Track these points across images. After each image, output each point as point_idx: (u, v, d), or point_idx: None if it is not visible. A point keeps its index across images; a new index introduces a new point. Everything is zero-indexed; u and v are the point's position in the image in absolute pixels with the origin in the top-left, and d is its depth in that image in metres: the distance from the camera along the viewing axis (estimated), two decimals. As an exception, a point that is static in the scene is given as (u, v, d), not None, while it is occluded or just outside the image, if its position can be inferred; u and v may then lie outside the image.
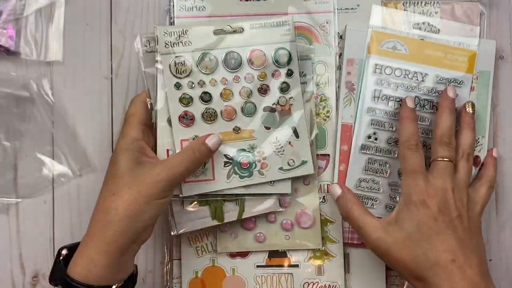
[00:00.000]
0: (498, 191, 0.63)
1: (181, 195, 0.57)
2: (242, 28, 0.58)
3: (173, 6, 0.61)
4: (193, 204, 0.59)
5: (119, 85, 0.63)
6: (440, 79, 0.61)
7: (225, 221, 0.59)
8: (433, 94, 0.61)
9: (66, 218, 0.62)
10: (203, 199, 0.59)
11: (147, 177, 0.50)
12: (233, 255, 0.61)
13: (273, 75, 0.59)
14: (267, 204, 0.60)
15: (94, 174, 0.62)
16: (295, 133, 0.59)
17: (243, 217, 0.59)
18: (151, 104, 0.57)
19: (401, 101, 0.60)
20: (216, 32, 0.58)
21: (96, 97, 0.62)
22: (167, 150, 0.57)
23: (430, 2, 0.62)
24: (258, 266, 0.62)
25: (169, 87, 0.57)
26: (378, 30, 0.61)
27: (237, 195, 0.59)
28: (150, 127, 0.57)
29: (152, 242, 0.62)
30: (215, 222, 0.59)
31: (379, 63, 0.61)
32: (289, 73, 0.59)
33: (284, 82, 0.59)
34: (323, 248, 0.61)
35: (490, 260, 0.63)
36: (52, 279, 0.52)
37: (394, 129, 0.60)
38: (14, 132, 0.61)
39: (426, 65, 0.61)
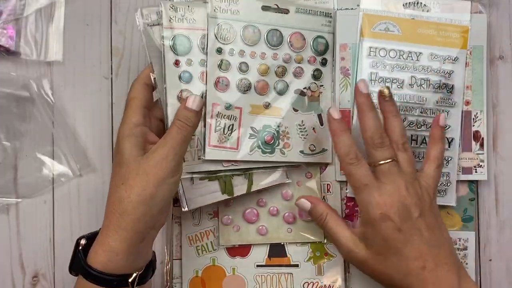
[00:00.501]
0: (498, 190, 0.64)
1: (203, 157, 0.58)
2: (288, 10, 0.60)
3: (173, 6, 0.61)
4: (202, 180, 0.59)
5: (119, 85, 0.63)
6: (434, 57, 0.61)
7: (235, 194, 0.59)
8: (429, 73, 0.61)
9: (66, 218, 0.62)
10: (212, 175, 0.59)
11: (151, 160, 0.50)
12: (233, 254, 0.62)
13: (309, 60, 0.60)
14: (275, 177, 0.60)
15: (94, 174, 0.62)
16: (320, 120, 0.60)
17: (252, 190, 0.60)
18: (154, 79, 0.56)
19: (398, 82, 0.61)
20: (264, 8, 0.59)
21: (96, 97, 0.63)
22: None
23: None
24: (258, 266, 0.62)
25: (211, 51, 0.58)
26: (369, 13, 0.61)
27: (245, 169, 0.60)
28: (151, 109, 0.56)
29: (152, 242, 0.62)
30: (225, 196, 0.59)
31: (373, 46, 0.61)
32: (324, 62, 0.61)
33: (317, 69, 0.60)
34: (324, 241, 0.61)
35: (490, 260, 0.63)
36: (72, 268, 0.52)
37: None
38: (14, 132, 0.61)
39: (420, 44, 0.61)
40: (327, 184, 0.62)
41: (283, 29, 0.60)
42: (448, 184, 0.61)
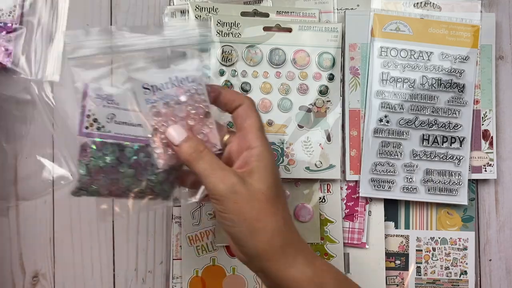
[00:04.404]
0: (498, 190, 0.64)
1: None
2: (291, 28, 0.60)
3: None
4: None
5: (119, 85, 0.63)
6: (445, 56, 0.61)
7: None
8: (440, 72, 0.61)
9: (66, 218, 0.62)
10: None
11: None
12: (233, 254, 0.61)
13: (314, 77, 0.60)
14: None
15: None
16: (328, 136, 0.60)
17: None
18: None
19: (409, 82, 0.61)
20: (265, 28, 0.60)
21: (96, 97, 0.62)
22: None
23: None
24: (258, 266, 0.62)
25: (214, 73, 0.59)
26: (380, 13, 0.61)
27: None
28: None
29: (152, 242, 0.62)
30: None
31: (384, 46, 0.61)
32: (330, 77, 0.61)
33: (324, 85, 0.60)
34: (321, 243, 0.61)
35: (490, 260, 0.63)
36: None
37: (404, 110, 0.61)
38: (14, 135, 0.61)
39: (431, 43, 0.61)
40: (327, 184, 0.62)
41: (286, 48, 0.60)
42: (460, 183, 0.61)
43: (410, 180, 0.61)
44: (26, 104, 0.61)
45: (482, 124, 0.62)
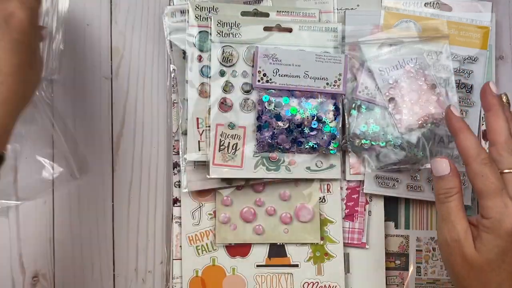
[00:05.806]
0: (498, 191, 0.64)
1: (208, 176, 0.59)
2: (291, 28, 0.60)
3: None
4: (204, 166, 0.60)
5: (119, 85, 0.63)
6: (454, 57, 0.61)
7: (233, 184, 0.60)
8: (449, 72, 0.61)
9: (66, 218, 0.62)
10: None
11: None
12: (233, 254, 0.62)
13: None
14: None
15: (94, 176, 0.62)
16: None
17: (251, 181, 0.60)
18: (174, 69, 0.60)
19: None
20: (265, 28, 0.60)
21: (96, 97, 0.62)
22: (197, 119, 0.59)
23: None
24: (258, 266, 0.62)
25: (214, 74, 0.59)
26: (391, 11, 0.61)
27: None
28: None
29: (152, 242, 0.62)
30: (224, 184, 0.60)
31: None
32: None
33: None
34: (321, 243, 0.61)
35: (490, 260, 0.63)
36: None
37: None
38: (14, 135, 0.61)
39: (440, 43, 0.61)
40: (327, 184, 0.62)
41: (287, 48, 0.60)
42: (465, 184, 0.61)
43: (416, 178, 0.61)
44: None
45: (482, 124, 0.62)
